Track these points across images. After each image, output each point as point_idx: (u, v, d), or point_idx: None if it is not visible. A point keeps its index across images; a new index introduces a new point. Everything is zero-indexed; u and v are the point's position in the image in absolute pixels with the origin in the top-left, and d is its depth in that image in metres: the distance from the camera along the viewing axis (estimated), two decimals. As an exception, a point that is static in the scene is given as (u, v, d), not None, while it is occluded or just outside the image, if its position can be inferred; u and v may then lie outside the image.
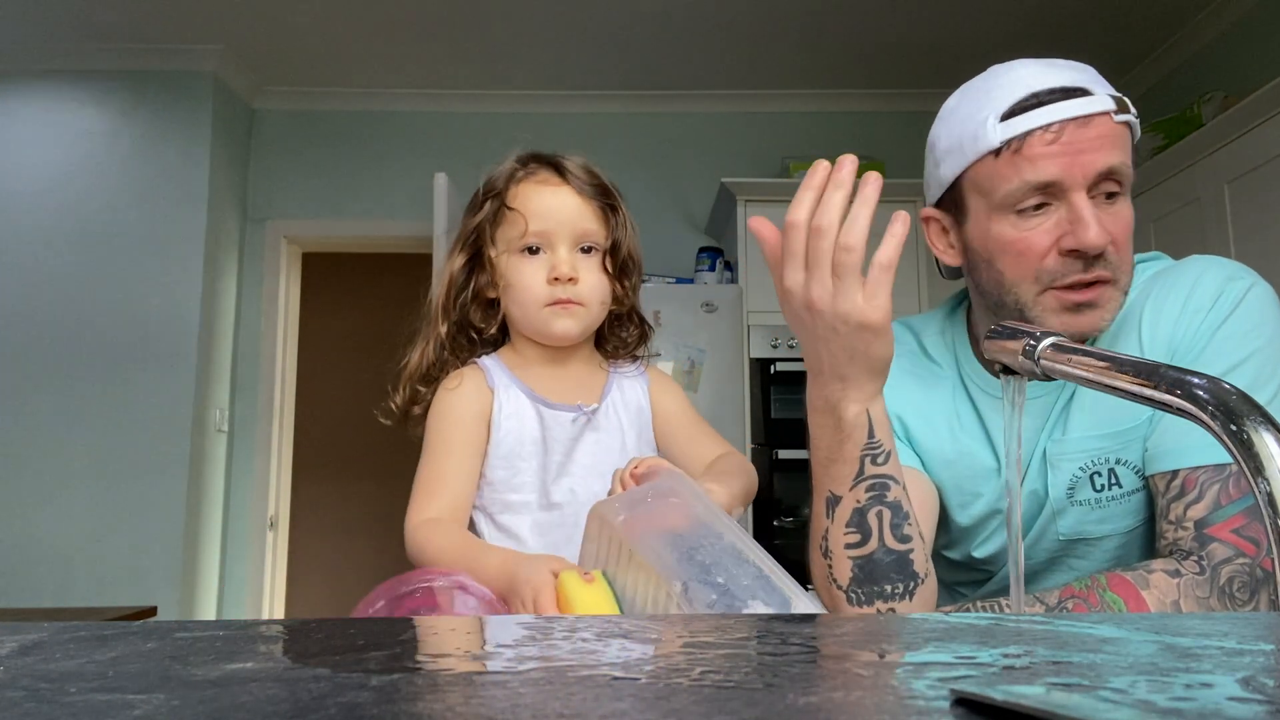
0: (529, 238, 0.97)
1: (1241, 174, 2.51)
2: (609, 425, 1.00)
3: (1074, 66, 0.86)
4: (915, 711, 0.25)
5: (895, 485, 0.80)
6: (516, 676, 0.30)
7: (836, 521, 0.81)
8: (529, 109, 3.81)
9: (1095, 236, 0.81)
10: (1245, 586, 0.77)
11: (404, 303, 1.10)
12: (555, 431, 0.97)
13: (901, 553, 0.80)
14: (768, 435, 3.12)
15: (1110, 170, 0.82)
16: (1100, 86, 0.84)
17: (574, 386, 1.01)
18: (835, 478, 0.80)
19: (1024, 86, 0.84)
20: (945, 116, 0.91)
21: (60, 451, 3.21)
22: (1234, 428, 0.45)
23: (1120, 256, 0.84)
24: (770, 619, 0.44)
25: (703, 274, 3.34)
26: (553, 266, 0.96)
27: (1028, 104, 0.83)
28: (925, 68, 3.58)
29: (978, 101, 0.87)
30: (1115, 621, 0.41)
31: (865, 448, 0.78)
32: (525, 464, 0.96)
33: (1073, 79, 0.84)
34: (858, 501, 0.79)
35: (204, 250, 3.36)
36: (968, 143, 0.86)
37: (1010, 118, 0.83)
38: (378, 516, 5.09)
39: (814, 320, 0.72)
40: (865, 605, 0.80)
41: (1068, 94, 0.83)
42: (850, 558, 0.80)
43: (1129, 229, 0.85)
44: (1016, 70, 0.86)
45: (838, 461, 0.79)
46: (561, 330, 0.98)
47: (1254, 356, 0.82)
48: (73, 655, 0.33)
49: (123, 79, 3.45)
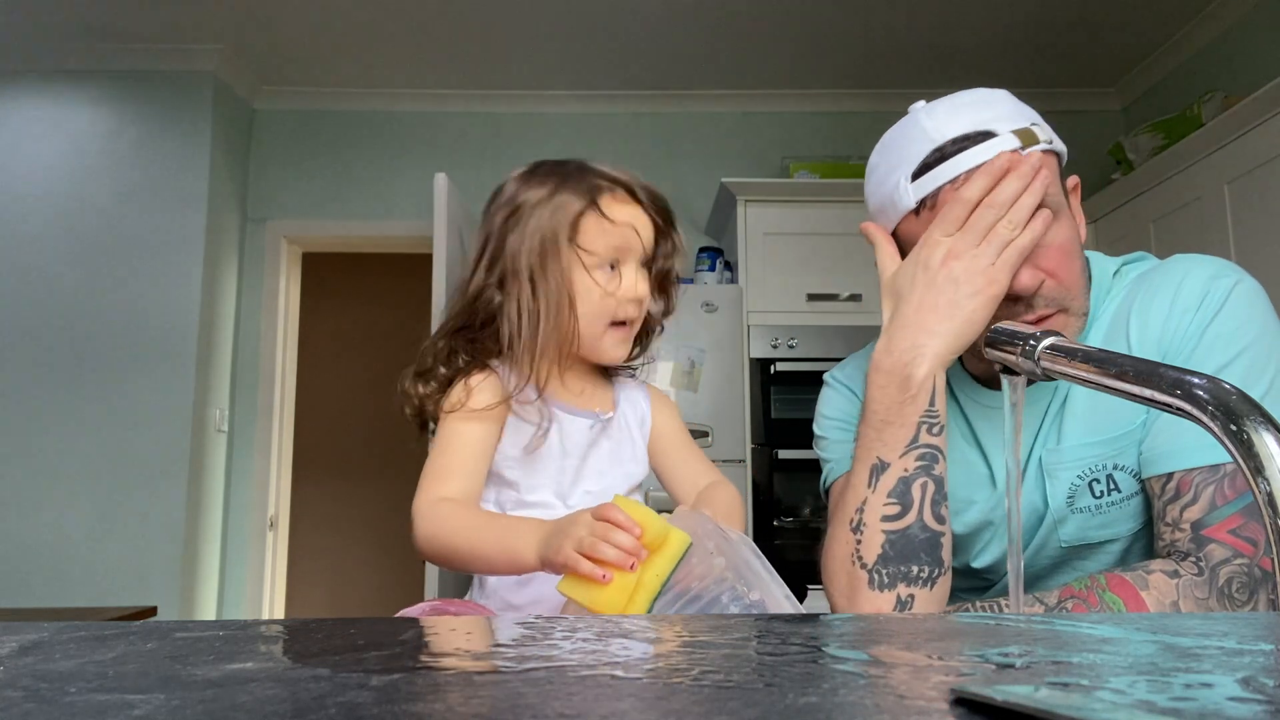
0: (611, 252, 0.94)
1: (1241, 174, 2.51)
2: (620, 435, 1.00)
3: (979, 102, 0.86)
4: (915, 711, 0.25)
5: (942, 460, 0.83)
6: (517, 676, 0.30)
7: (878, 490, 0.82)
8: (529, 109, 3.81)
9: (1024, 282, 0.82)
10: (1244, 587, 0.77)
11: (404, 303, 1.10)
12: (574, 437, 0.96)
13: (935, 533, 0.81)
14: (768, 435, 3.12)
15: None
16: (1005, 122, 0.83)
17: (581, 394, 1.00)
18: (888, 442, 0.82)
19: (928, 141, 0.84)
20: (870, 174, 0.92)
21: (60, 452, 3.21)
22: (1234, 428, 0.45)
23: (1062, 285, 0.84)
24: (770, 619, 0.44)
25: (703, 274, 3.34)
26: (623, 286, 0.94)
27: (931, 160, 0.83)
28: (925, 68, 3.58)
29: (891, 160, 0.88)
30: (1115, 621, 0.41)
31: (925, 414, 0.82)
32: (542, 466, 0.95)
33: (974, 122, 0.83)
34: (905, 470, 0.82)
35: (204, 250, 3.35)
36: (889, 204, 0.88)
37: (919, 176, 0.84)
38: (378, 516, 5.09)
39: (944, 268, 0.81)
40: (887, 589, 0.81)
41: (969, 140, 0.82)
42: (884, 531, 0.81)
43: (1066, 253, 0.85)
44: (920, 121, 0.86)
45: (893, 424, 0.82)
46: (616, 354, 0.97)
47: (1244, 353, 0.82)
48: (73, 655, 0.33)
49: (123, 79, 3.45)
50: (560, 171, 0.97)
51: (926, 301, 0.82)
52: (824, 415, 1.05)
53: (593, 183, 0.95)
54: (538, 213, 0.94)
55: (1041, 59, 3.49)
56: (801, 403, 2.64)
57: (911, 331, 0.83)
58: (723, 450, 3.03)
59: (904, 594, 0.80)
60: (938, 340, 0.82)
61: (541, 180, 0.97)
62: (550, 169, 0.98)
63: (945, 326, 0.81)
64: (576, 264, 0.93)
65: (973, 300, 0.80)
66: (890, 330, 0.85)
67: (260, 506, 3.54)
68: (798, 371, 3.11)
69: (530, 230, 0.94)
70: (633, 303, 0.95)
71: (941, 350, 0.82)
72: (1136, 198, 3.02)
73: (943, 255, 0.81)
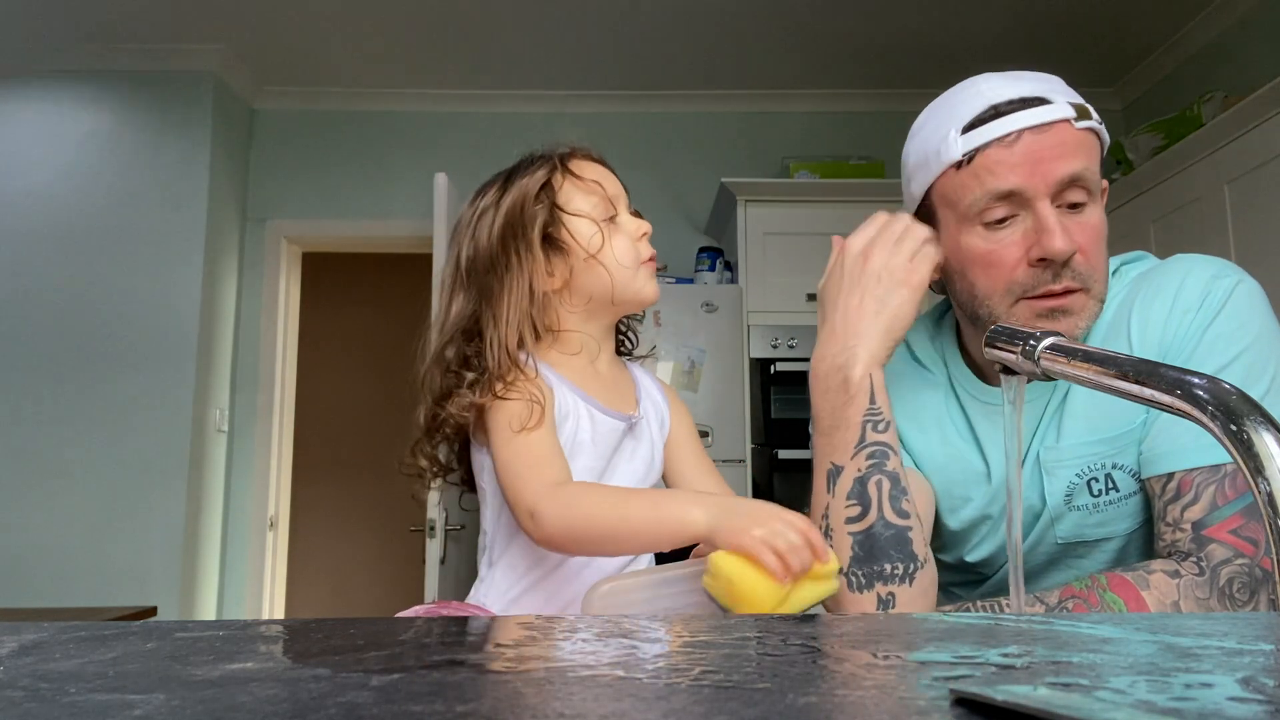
0: (606, 205, 0.95)
1: (1241, 174, 2.51)
2: (644, 436, 0.99)
3: (1038, 77, 0.87)
4: (915, 711, 0.25)
5: (894, 455, 0.84)
6: (517, 676, 0.30)
7: (837, 495, 0.83)
8: (529, 109, 3.81)
9: (1060, 243, 0.81)
10: (1245, 587, 0.77)
11: (404, 303, 1.10)
12: (605, 436, 0.94)
13: (900, 528, 0.81)
14: (768, 435, 3.12)
15: (1072, 177, 0.82)
16: (1061, 95, 0.85)
17: (608, 390, 0.98)
18: (837, 445, 0.84)
19: (984, 99, 0.85)
20: (914, 133, 0.93)
21: (60, 451, 3.21)
22: (1234, 428, 0.45)
23: (1090, 264, 0.84)
24: (770, 619, 0.44)
25: (703, 274, 3.34)
26: (635, 226, 0.95)
27: (986, 116, 0.84)
28: (925, 68, 3.58)
29: (941, 117, 0.88)
30: (1115, 621, 0.41)
31: (867, 413, 0.84)
32: (576, 463, 0.93)
33: (1033, 89, 0.85)
34: (858, 470, 0.83)
35: (204, 250, 3.35)
36: (932, 157, 0.88)
37: (970, 130, 0.85)
38: (378, 516, 5.09)
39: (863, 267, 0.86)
40: (865, 590, 0.81)
41: (1026, 103, 0.83)
42: (850, 534, 0.82)
43: (1098, 236, 0.85)
44: (978, 84, 0.87)
45: (840, 428, 0.84)
46: (654, 292, 0.97)
47: (1244, 354, 0.82)
48: (73, 655, 0.33)
49: (123, 79, 3.45)
50: (503, 171, 0.98)
51: (852, 304, 0.87)
52: None
53: (550, 158, 0.96)
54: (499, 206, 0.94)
55: (1041, 59, 3.48)
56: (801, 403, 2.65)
57: (841, 335, 0.86)
58: (723, 450, 3.03)
59: (883, 593, 0.81)
60: (868, 340, 0.85)
61: (488, 186, 0.98)
62: (492, 177, 0.99)
63: (872, 326, 0.85)
64: (578, 225, 0.93)
65: (895, 294, 0.85)
66: (822, 338, 0.89)
67: (260, 506, 3.54)
68: (798, 371, 3.11)
69: (497, 224, 0.93)
70: (646, 238, 0.96)
71: (874, 348, 0.85)
72: (1136, 198, 3.02)
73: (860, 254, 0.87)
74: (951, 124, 0.86)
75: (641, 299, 0.96)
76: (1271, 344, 0.83)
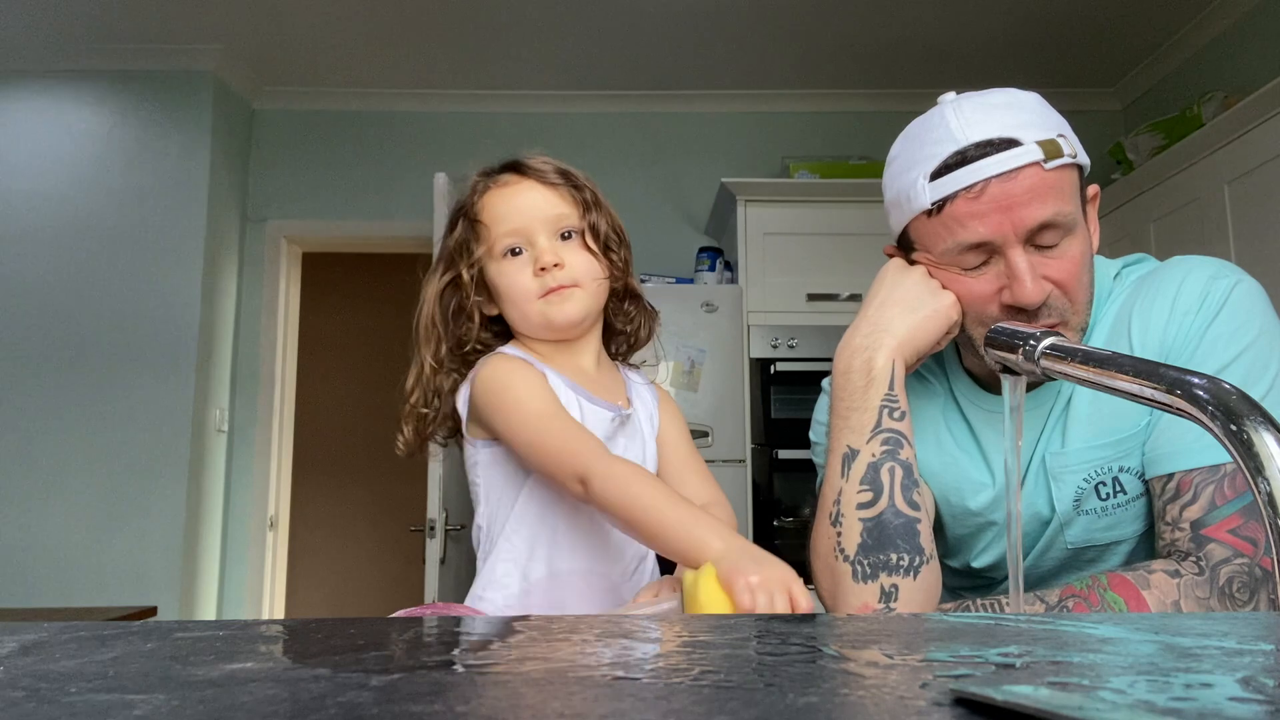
0: (505, 239, 0.97)
1: (1241, 174, 2.51)
2: (635, 431, 1.00)
3: (1011, 103, 0.85)
4: (915, 711, 0.25)
5: (907, 445, 0.85)
6: (517, 676, 0.30)
7: (851, 479, 0.84)
8: (529, 109, 3.81)
9: (1030, 295, 0.81)
10: (1245, 587, 0.77)
11: (404, 303, 1.10)
12: (596, 427, 0.94)
13: (910, 519, 0.81)
14: (768, 435, 3.12)
15: (1043, 224, 0.81)
16: (1033, 131, 0.82)
17: (595, 384, 0.99)
18: (854, 428, 0.86)
19: (952, 141, 0.83)
20: (890, 164, 0.93)
21: (60, 452, 3.21)
22: (1234, 428, 0.45)
23: (1068, 299, 0.84)
24: (770, 619, 0.44)
25: (703, 274, 3.34)
26: (535, 259, 0.96)
27: (952, 162, 0.82)
28: (925, 68, 3.58)
29: (911, 154, 0.87)
30: (1115, 621, 0.41)
31: (886, 398, 0.85)
32: None
33: (1001, 127, 0.82)
34: (873, 455, 0.84)
35: (204, 250, 3.35)
36: (904, 200, 0.88)
37: (937, 178, 0.83)
38: (378, 516, 5.09)
39: (905, 277, 0.89)
40: (869, 580, 0.81)
41: (994, 147, 0.81)
42: (861, 519, 0.83)
43: (1076, 269, 0.84)
44: (947, 118, 0.85)
45: (859, 410, 0.86)
46: (563, 317, 0.96)
47: (1245, 354, 0.82)
48: (73, 655, 0.33)
49: (123, 79, 3.45)
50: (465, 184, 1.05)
51: (891, 298, 0.89)
52: (819, 421, 1.05)
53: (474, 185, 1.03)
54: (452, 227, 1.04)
55: (1041, 59, 3.49)
56: (801, 403, 2.64)
57: (871, 323, 0.89)
58: (723, 450, 3.03)
59: (887, 584, 0.81)
60: (896, 332, 0.87)
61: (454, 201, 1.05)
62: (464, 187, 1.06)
63: (903, 321, 0.87)
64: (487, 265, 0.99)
65: (928, 305, 0.87)
66: (855, 324, 0.91)
67: (260, 506, 3.54)
68: (798, 371, 3.11)
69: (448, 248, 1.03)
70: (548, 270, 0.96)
71: (902, 338, 0.87)
72: (1136, 198, 3.02)
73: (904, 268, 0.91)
74: (920, 166, 0.85)
75: (551, 327, 0.98)
76: (1272, 343, 0.83)
